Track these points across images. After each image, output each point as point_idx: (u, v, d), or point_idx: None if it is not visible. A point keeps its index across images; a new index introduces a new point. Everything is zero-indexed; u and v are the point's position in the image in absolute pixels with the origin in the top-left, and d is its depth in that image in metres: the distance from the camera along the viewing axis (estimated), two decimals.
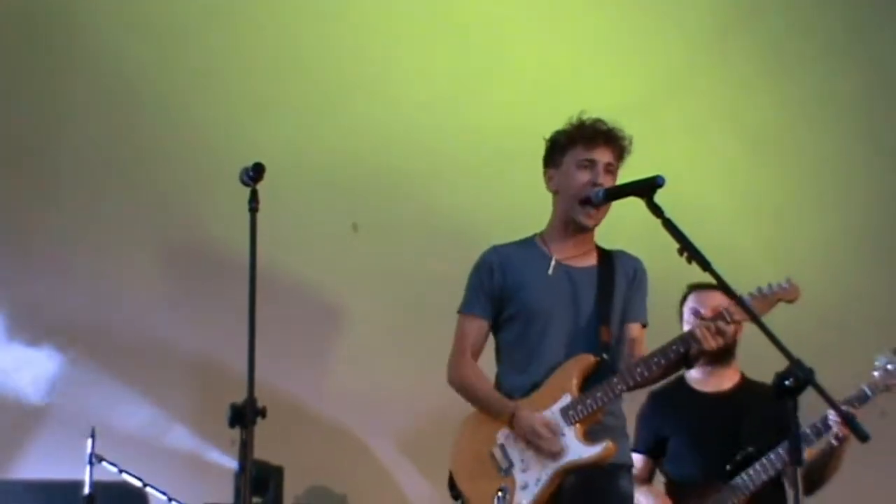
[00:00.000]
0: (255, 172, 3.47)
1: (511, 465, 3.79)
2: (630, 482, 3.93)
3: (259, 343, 3.38)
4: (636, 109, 5.68)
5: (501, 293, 3.92)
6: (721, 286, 3.42)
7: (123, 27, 6.36)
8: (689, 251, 3.43)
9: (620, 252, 4.00)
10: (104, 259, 6.18)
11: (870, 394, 4.41)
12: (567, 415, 3.76)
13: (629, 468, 3.94)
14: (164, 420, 5.96)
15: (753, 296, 3.76)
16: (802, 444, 4.21)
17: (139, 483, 5.03)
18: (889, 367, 4.43)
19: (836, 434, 4.34)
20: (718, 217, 6.11)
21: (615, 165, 3.89)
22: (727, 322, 3.75)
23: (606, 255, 3.96)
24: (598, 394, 3.76)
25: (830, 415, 4.27)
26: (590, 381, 3.80)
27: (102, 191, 6.26)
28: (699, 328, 3.76)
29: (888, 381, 4.43)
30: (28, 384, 5.98)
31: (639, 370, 3.78)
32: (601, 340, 3.83)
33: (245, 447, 3.32)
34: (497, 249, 4.00)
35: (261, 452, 3.47)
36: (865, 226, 6.50)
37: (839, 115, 6.59)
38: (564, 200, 3.90)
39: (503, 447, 3.82)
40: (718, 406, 4.61)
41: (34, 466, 5.80)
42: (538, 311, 3.87)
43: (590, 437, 3.76)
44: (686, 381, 4.66)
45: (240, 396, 3.33)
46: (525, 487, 3.75)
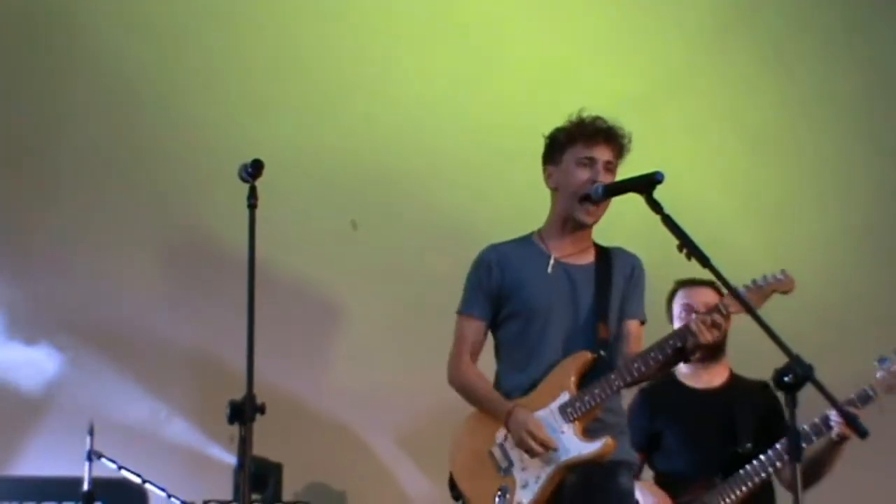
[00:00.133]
0: (254, 169, 3.48)
1: (511, 465, 3.79)
2: (630, 479, 3.93)
3: (258, 340, 3.38)
4: (636, 108, 5.67)
5: (500, 292, 3.92)
6: (721, 282, 3.42)
7: (123, 27, 6.36)
8: (689, 247, 3.42)
9: (618, 249, 4.00)
10: (104, 257, 6.18)
11: (872, 394, 4.40)
12: (565, 412, 3.76)
13: (629, 465, 3.93)
14: (164, 416, 5.96)
15: (748, 288, 3.76)
16: (802, 441, 4.28)
17: (138, 479, 5.03)
18: (893, 368, 4.42)
19: (839, 433, 4.33)
20: (718, 215, 6.10)
21: (614, 163, 3.89)
22: (723, 315, 3.74)
23: (604, 253, 3.96)
24: (596, 391, 3.76)
25: (832, 415, 4.26)
26: (588, 378, 3.79)
27: (102, 189, 6.26)
28: (695, 321, 3.75)
29: (891, 382, 4.42)
30: (28, 382, 5.99)
31: (636, 366, 3.77)
32: (599, 337, 3.83)
33: (244, 444, 3.32)
34: (495, 248, 3.99)
35: (260, 449, 3.48)
36: (865, 224, 6.49)
37: (839, 114, 6.58)
38: (564, 198, 3.90)
39: (503, 446, 3.82)
40: (710, 402, 4.61)
41: (34, 463, 5.80)
42: (537, 310, 3.87)
43: (589, 435, 3.75)
44: (676, 377, 4.65)
45: (239, 393, 3.34)
46: (525, 486, 3.75)
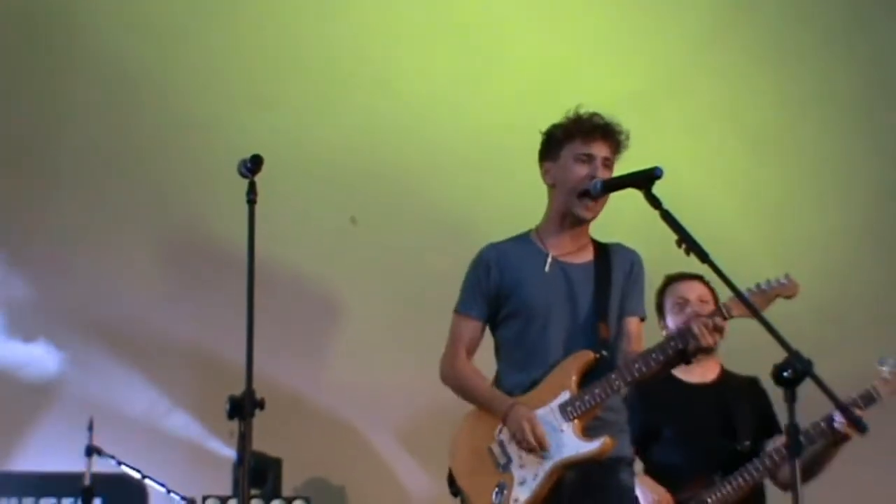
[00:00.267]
0: (254, 164, 3.48)
1: (509, 461, 3.78)
2: (631, 476, 3.92)
3: (258, 336, 3.39)
4: (636, 106, 5.68)
5: (498, 291, 3.91)
6: (721, 278, 3.41)
7: (123, 26, 6.38)
8: (688, 243, 3.42)
9: (617, 245, 3.98)
10: (103, 254, 6.19)
11: (876, 396, 4.40)
12: (565, 411, 3.75)
13: (629, 462, 3.92)
14: (164, 412, 5.97)
15: (752, 292, 3.74)
16: (802, 438, 4.27)
17: (138, 475, 5.03)
18: None
19: (842, 433, 4.33)
20: (717, 212, 6.11)
21: (612, 160, 3.88)
22: (724, 318, 3.73)
23: (603, 249, 3.95)
24: (597, 390, 3.76)
25: (836, 416, 4.25)
26: (589, 378, 3.79)
27: (102, 186, 6.27)
28: (697, 325, 3.73)
29: (895, 384, 4.42)
30: (28, 378, 5.99)
31: (637, 366, 3.76)
32: (600, 337, 3.82)
33: (244, 439, 3.32)
34: (494, 247, 3.98)
35: (259, 445, 3.48)
36: (865, 222, 6.50)
37: (839, 112, 6.58)
38: (562, 194, 3.89)
39: (502, 443, 3.81)
40: (706, 397, 4.61)
41: (34, 459, 5.81)
42: (536, 309, 3.86)
43: (588, 433, 3.75)
44: (671, 372, 4.63)
45: (239, 389, 3.34)
46: (523, 483, 3.74)
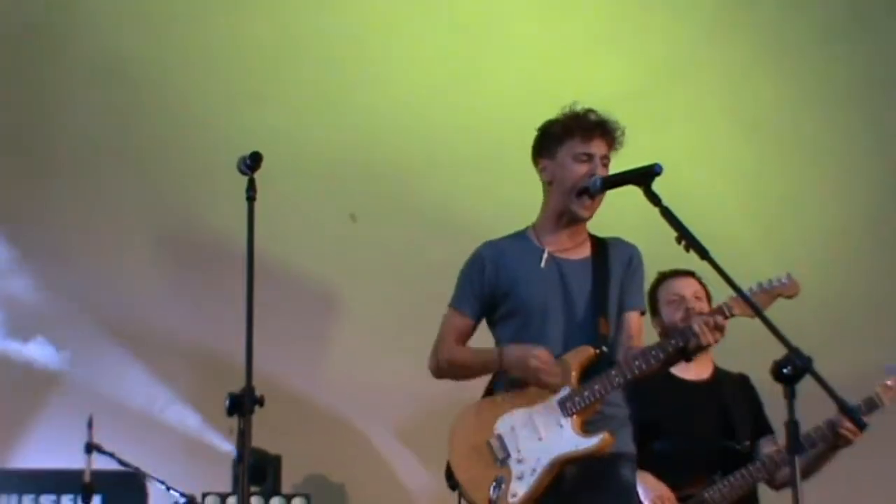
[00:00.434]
0: (253, 161, 3.49)
1: (507, 456, 3.78)
2: (632, 472, 3.90)
3: (257, 333, 3.39)
4: (635, 102, 5.68)
5: (493, 290, 3.90)
6: (721, 275, 3.41)
7: (121, 20, 6.37)
8: (687, 239, 3.42)
9: (615, 239, 3.97)
10: (102, 251, 6.19)
11: (879, 403, 4.40)
12: (565, 406, 3.75)
13: (631, 457, 3.90)
14: (163, 409, 5.97)
15: (753, 291, 3.72)
16: (803, 440, 4.28)
17: (138, 472, 5.03)
18: None
19: (843, 437, 4.33)
20: (717, 209, 6.10)
21: (609, 157, 3.88)
22: (725, 317, 3.71)
23: (601, 244, 3.94)
24: (597, 386, 3.75)
25: (839, 420, 4.25)
26: (589, 373, 3.78)
27: (101, 183, 6.26)
28: (697, 323, 3.73)
29: None
30: (28, 375, 5.99)
31: (637, 363, 3.76)
32: (600, 333, 3.81)
33: (243, 436, 3.33)
34: (490, 244, 3.98)
35: (259, 442, 3.48)
36: (866, 217, 6.49)
37: (840, 108, 6.57)
38: (560, 192, 3.88)
39: (500, 437, 3.80)
40: (704, 394, 4.60)
41: (34, 456, 5.82)
42: (533, 307, 3.85)
43: (588, 429, 3.75)
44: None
45: (238, 386, 3.34)
46: (521, 478, 3.74)
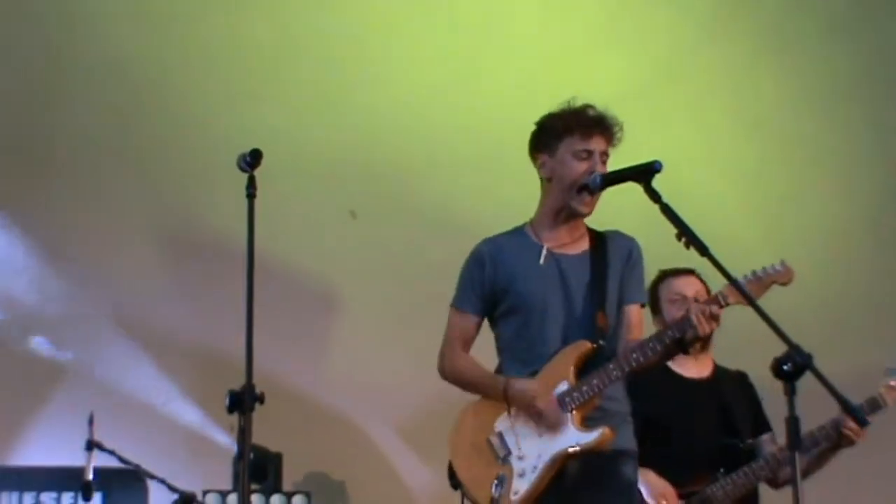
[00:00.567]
0: (253, 158, 3.49)
1: (508, 453, 3.78)
2: (634, 468, 3.90)
3: (258, 330, 3.39)
4: (635, 98, 5.69)
5: (494, 287, 3.90)
6: (720, 271, 3.41)
7: (121, 18, 6.36)
8: (687, 236, 3.42)
9: (614, 233, 3.97)
10: (103, 249, 6.19)
11: (882, 404, 4.39)
12: (563, 402, 3.75)
13: (633, 454, 3.90)
14: (164, 407, 5.98)
15: (748, 279, 3.73)
16: (807, 440, 4.28)
17: (138, 469, 5.03)
18: None
19: (847, 437, 4.33)
20: (718, 206, 6.09)
21: (608, 154, 3.88)
22: (721, 306, 3.71)
23: (599, 238, 3.94)
24: (595, 381, 3.75)
25: (847, 422, 4.25)
26: (587, 368, 3.78)
27: (100, 180, 6.26)
28: (694, 313, 3.73)
29: None
30: (28, 372, 6.00)
31: (634, 356, 3.76)
32: (598, 326, 3.81)
33: (243, 433, 3.33)
34: (489, 241, 3.98)
35: (260, 439, 3.48)
36: (868, 216, 6.48)
37: (842, 104, 6.56)
38: (559, 188, 3.88)
39: (501, 435, 3.81)
40: (705, 392, 4.60)
41: (34, 453, 5.82)
42: (533, 303, 3.85)
43: (588, 424, 3.75)
44: (668, 366, 4.60)
45: (239, 384, 3.34)
46: (522, 475, 3.74)
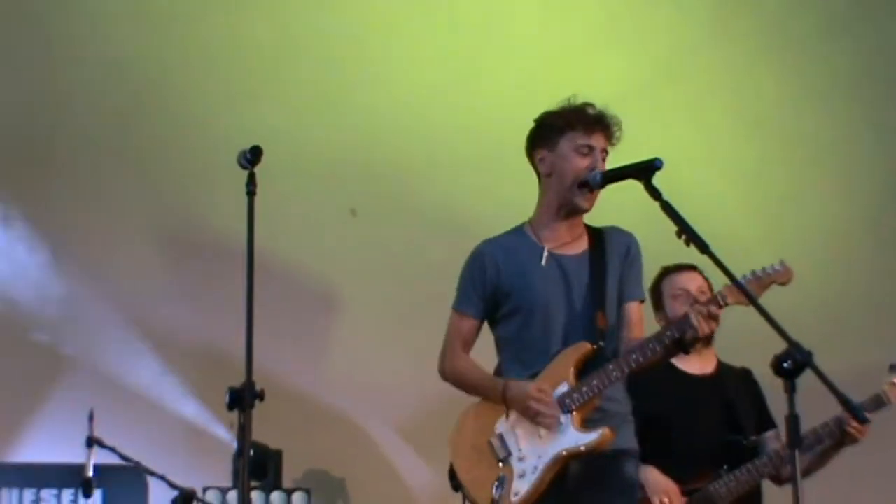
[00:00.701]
0: (253, 155, 3.49)
1: (509, 455, 3.78)
2: (635, 468, 3.90)
3: (258, 328, 3.39)
4: (636, 97, 5.69)
5: (495, 290, 3.90)
6: (721, 269, 3.41)
7: (121, 18, 6.36)
8: (688, 234, 3.42)
9: (612, 229, 3.96)
10: (103, 248, 6.20)
11: (886, 400, 4.39)
12: (564, 403, 3.75)
13: (634, 454, 3.90)
14: (164, 404, 5.98)
15: (747, 279, 3.72)
16: (810, 437, 4.28)
17: (138, 466, 5.03)
18: None
19: (850, 435, 4.33)
20: (718, 204, 6.10)
21: (607, 151, 3.88)
22: (720, 306, 3.71)
23: (598, 236, 3.93)
24: (594, 381, 3.75)
25: (850, 419, 4.23)
26: (587, 369, 3.78)
27: (101, 181, 6.27)
28: (693, 313, 3.73)
29: None
30: (28, 369, 6.00)
31: (634, 356, 3.76)
32: (597, 327, 3.81)
33: (243, 431, 3.33)
34: (489, 243, 3.97)
35: (260, 437, 3.48)
36: (868, 215, 6.48)
37: (842, 103, 6.57)
38: (559, 184, 3.87)
39: (501, 437, 3.81)
40: (708, 389, 4.60)
41: (35, 450, 5.82)
42: (535, 306, 3.85)
43: (588, 425, 3.74)
44: (671, 362, 4.60)
45: (239, 381, 3.34)
46: (523, 476, 3.74)
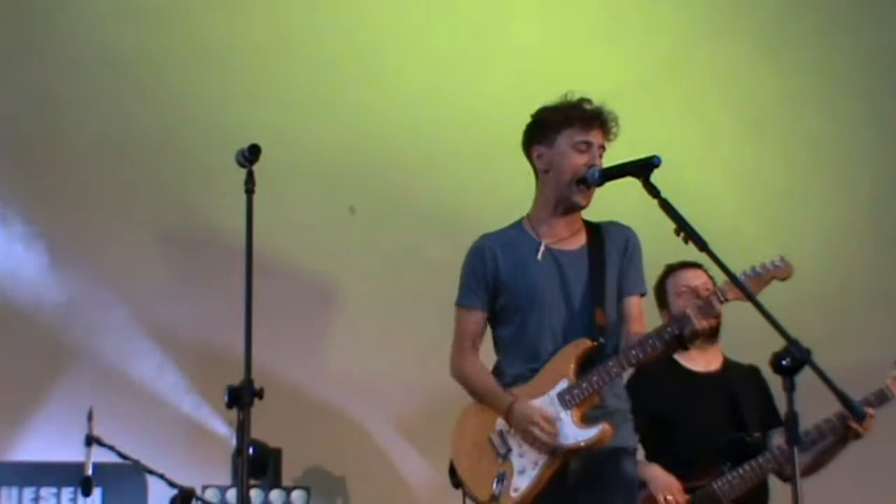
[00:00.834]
0: (251, 154, 3.49)
1: (509, 451, 3.79)
2: (633, 466, 3.91)
3: (257, 326, 3.39)
4: (635, 94, 5.68)
5: (495, 282, 3.91)
6: (719, 266, 3.42)
7: (119, 15, 6.35)
8: (686, 231, 3.43)
9: (610, 224, 3.97)
10: (100, 245, 6.19)
11: (890, 395, 4.40)
12: (564, 399, 3.76)
13: (632, 452, 3.92)
14: (163, 402, 5.98)
15: (747, 275, 3.73)
16: (814, 433, 4.28)
17: (137, 465, 5.03)
18: None
19: (853, 430, 4.33)
20: (717, 202, 6.09)
21: (605, 148, 3.89)
22: (721, 302, 3.72)
23: (596, 231, 3.94)
24: (595, 378, 3.76)
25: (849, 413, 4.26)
26: (587, 365, 3.78)
27: (99, 178, 6.26)
28: (692, 309, 3.74)
29: None
30: (28, 367, 6.00)
31: (633, 352, 3.77)
32: (597, 323, 3.81)
33: (242, 428, 3.33)
34: (489, 236, 3.98)
35: (259, 435, 3.48)
36: (868, 212, 6.47)
37: (842, 99, 6.55)
38: (557, 180, 3.88)
39: (501, 433, 3.81)
40: (713, 385, 4.60)
41: (34, 448, 5.82)
42: (532, 301, 3.85)
43: (588, 421, 3.75)
44: (675, 360, 4.61)
45: (238, 379, 3.34)
46: (523, 472, 3.75)
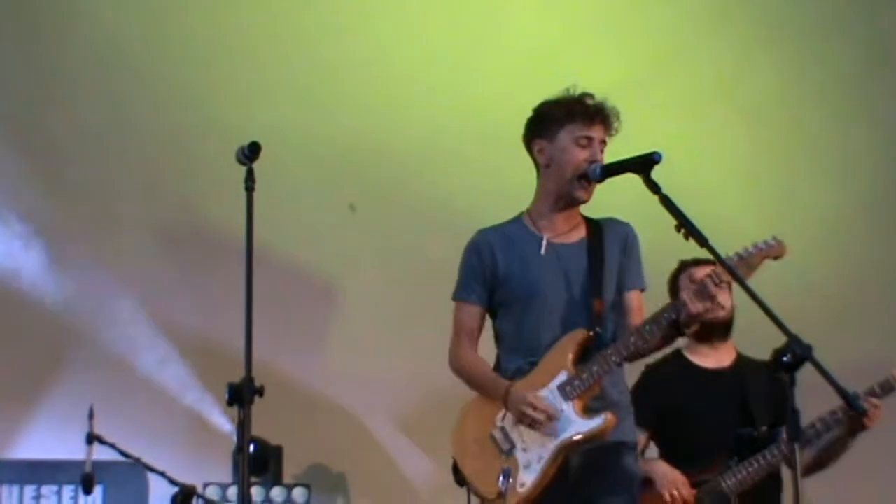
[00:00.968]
0: (252, 151, 3.49)
1: (512, 447, 3.79)
2: (634, 460, 3.91)
3: (257, 324, 3.39)
4: (633, 89, 5.66)
5: (493, 277, 3.91)
6: (720, 262, 3.43)
7: (120, 9, 6.35)
8: (687, 227, 3.43)
9: (609, 220, 3.97)
10: (101, 242, 6.19)
11: (895, 385, 4.39)
12: (564, 391, 3.76)
13: (633, 446, 3.91)
14: (163, 400, 5.98)
15: (740, 255, 3.73)
16: (818, 426, 4.28)
17: (138, 462, 5.03)
18: None
19: (859, 423, 4.33)
20: (717, 198, 6.08)
21: (606, 143, 3.89)
22: (715, 284, 3.72)
23: (595, 226, 3.94)
24: (594, 367, 3.76)
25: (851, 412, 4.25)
26: (586, 356, 3.79)
27: (100, 173, 6.26)
28: (686, 293, 3.75)
29: None
30: (29, 366, 6.00)
31: (632, 340, 3.77)
32: (595, 314, 3.81)
33: (243, 426, 3.33)
34: (487, 231, 3.98)
35: (260, 432, 3.48)
36: (868, 207, 6.45)
37: (840, 94, 6.54)
38: (558, 175, 3.88)
39: (503, 429, 3.81)
40: (723, 381, 4.60)
41: (35, 446, 5.82)
42: (533, 294, 3.86)
43: (590, 412, 3.75)
44: (686, 357, 4.63)
45: (239, 377, 3.34)
46: (528, 466, 3.75)
